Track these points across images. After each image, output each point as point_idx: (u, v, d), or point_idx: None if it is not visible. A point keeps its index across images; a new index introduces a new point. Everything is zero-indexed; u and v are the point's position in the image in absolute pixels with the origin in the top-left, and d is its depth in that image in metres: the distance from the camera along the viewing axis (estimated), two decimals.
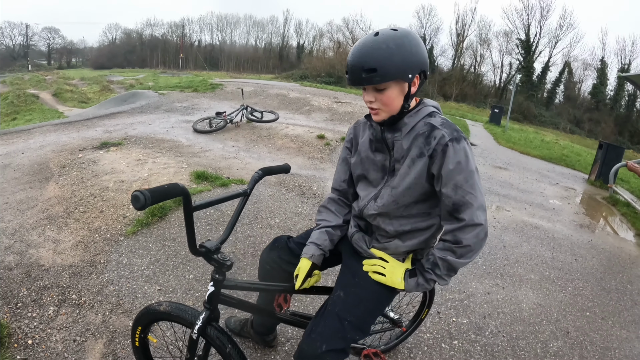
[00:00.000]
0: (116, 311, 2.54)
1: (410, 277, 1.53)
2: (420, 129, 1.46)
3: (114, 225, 3.49)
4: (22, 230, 3.36)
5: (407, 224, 1.56)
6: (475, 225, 1.39)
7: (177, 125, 8.06)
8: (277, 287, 1.70)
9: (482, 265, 3.79)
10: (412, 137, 1.47)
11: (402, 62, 1.35)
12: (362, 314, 1.56)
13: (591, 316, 3.28)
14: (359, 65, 1.36)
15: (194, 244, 1.34)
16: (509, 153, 11.29)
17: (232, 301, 1.61)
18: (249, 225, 3.78)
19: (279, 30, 68.16)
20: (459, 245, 1.41)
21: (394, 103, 1.43)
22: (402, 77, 1.37)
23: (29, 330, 2.35)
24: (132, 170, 4.66)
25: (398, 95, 1.42)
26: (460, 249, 1.41)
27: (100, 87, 24.18)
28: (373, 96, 1.43)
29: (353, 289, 1.60)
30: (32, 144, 5.93)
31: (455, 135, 1.41)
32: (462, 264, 1.44)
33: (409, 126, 1.48)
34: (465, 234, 1.40)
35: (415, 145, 1.46)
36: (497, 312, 3.06)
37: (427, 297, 2.25)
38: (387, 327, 2.25)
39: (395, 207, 1.53)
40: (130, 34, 69.98)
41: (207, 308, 1.49)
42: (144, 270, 2.95)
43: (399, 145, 1.50)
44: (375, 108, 1.46)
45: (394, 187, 1.52)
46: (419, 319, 2.35)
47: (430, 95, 43.50)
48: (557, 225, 5.36)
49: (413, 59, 1.37)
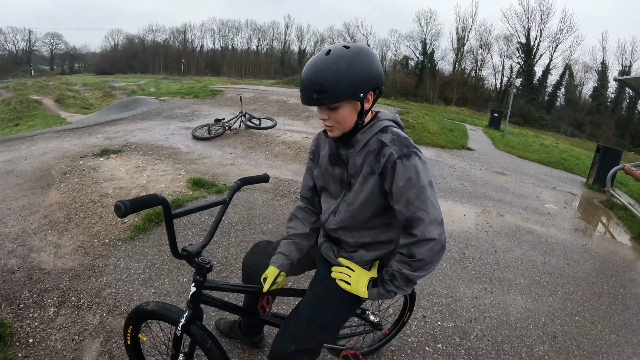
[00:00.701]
0: (113, 312, 2.63)
1: (373, 287, 1.57)
2: (372, 146, 1.49)
3: (113, 230, 3.59)
4: (24, 235, 3.47)
5: (368, 235, 1.61)
6: (428, 240, 1.41)
7: (176, 132, 8.15)
8: (253, 288, 1.79)
9: (471, 270, 3.84)
10: (364, 154, 1.50)
11: (352, 83, 1.36)
12: (330, 317, 1.65)
13: (580, 320, 3.31)
14: (309, 86, 1.38)
15: (175, 248, 1.45)
16: (507, 157, 11.33)
17: (215, 301, 1.72)
18: (242, 231, 3.87)
19: (280, 36, 68.60)
20: (413, 259, 1.43)
21: (346, 121, 1.45)
22: (353, 97, 1.39)
23: (30, 329, 2.45)
24: (131, 177, 4.76)
25: (351, 113, 1.44)
26: (415, 263, 1.44)
27: (102, 93, 24.31)
28: (327, 114, 1.45)
29: (322, 293, 1.68)
30: (35, 151, 6.03)
31: (404, 151, 1.42)
32: (418, 276, 1.48)
33: (362, 143, 1.51)
34: (419, 249, 1.42)
35: (366, 163, 1.49)
36: (483, 316, 3.11)
37: (407, 301, 2.33)
38: (368, 329, 2.33)
39: (352, 222, 1.60)
40: (133, 40, 70.52)
41: (190, 307, 1.59)
42: (140, 274, 3.05)
43: (352, 161, 1.54)
44: (329, 125, 1.48)
45: (349, 203, 1.58)
46: (401, 322, 2.43)
47: (431, 99, 43.59)
48: (551, 230, 5.39)
49: (364, 77, 1.38)
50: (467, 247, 4.30)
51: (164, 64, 63.80)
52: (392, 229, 1.62)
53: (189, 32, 68.55)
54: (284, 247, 1.76)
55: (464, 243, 4.40)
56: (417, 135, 10.80)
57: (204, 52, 68.92)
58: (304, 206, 1.86)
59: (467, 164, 9.11)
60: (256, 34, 69.33)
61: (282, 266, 1.72)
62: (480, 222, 5.23)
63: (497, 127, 19.49)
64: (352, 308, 1.74)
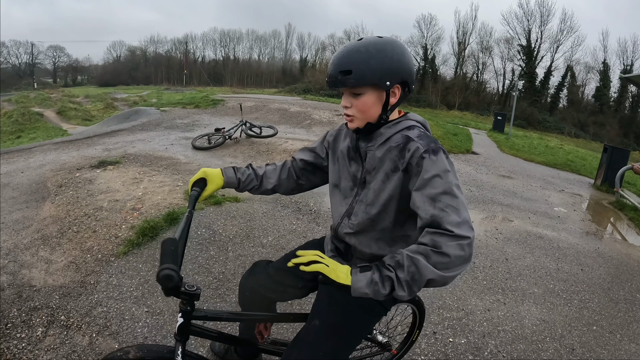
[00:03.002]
0: (103, 333, 2.49)
1: (362, 272, 1.19)
2: (395, 141, 1.38)
3: (106, 245, 3.46)
4: (16, 250, 3.35)
5: (386, 247, 1.46)
6: (460, 237, 1.15)
7: (176, 142, 8.06)
8: (252, 316, 1.62)
9: (482, 280, 3.69)
10: (386, 149, 1.39)
11: (379, 67, 1.29)
12: (337, 344, 1.46)
13: (598, 330, 3.17)
14: (336, 67, 1.32)
15: None
16: (513, 160, 11.22)
17: (206, 332, 1.50)
18: (241, 244, 3.72)
19: (282, 45, 68.78)
20: (437, 250, 1.14)
21: (369, 111, 1.36)
22: (379, 83, 1.31)
23: (17, 351, 2.32)
24: (127, 189, 4.64)
25: (375, 103, 1.35)
26: (437, 256, 1.14)
27: (104, 104, 24.41)
28: (349, 101, 1.37)
29: (328, 316, 1.50)
30: (32, 163, 5.95)
31: (432, 146, 1.29)
32: (431, 276, 1.14)
33: (384, 137, 1.41)
34: (447, 241, 1.15)
35: (388, 158, 1.37)
36: (497, 330, 2.96)
37: (417, 317, 2.17)
38: (376, 351, 2.16)
39: (371, 227, 1.45)
40: (135, 52, 70.91)
41: (179, 340, 1.37)
42: (132, 292, 2.90)
43: (371, 155, 1.43)
44: (350, 115, 1.39)
45: (368, 203, 1.43)
46: (410, 340, 2.26)
47: (433, 104, 43.55)
48: (562, 234, 5.26)
49: (392, 66, 1.31)
50: (477, 256, 4.15)
51: (166, 74, 64.12)
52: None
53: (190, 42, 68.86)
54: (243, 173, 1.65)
55: (473, 251, 4.22)
56: None
57: (206, 62, 69.26)
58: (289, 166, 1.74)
59: (473, 168, 8.97)
60: (257, 44, 69.75)
61: (226, 176, 1.60)
62: (490, 228, 5.08)
63: (501, 130, 19.40)
64: (363, 333, 1.57)
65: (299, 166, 1.73)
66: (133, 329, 2.54)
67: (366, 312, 1.51)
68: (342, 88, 1.36)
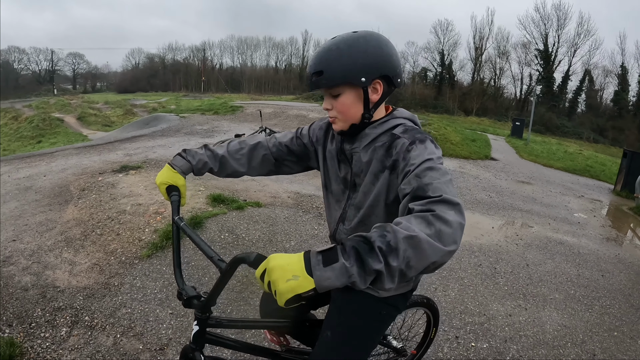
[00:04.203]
0: (127, 334, 2.53)
1: (327, 265, 0.83)
2: (381, 141, 1.30)
3: (130, 248, 3.51)
4: (40, 251, 3.42)
5: None
6: (452, 203, 0.96)
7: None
8: (266, 323, 1.60)
9: (503, 285, 3.66)
10: (371, 150, 1.31)
11: (351, 64, 1.20)
12: (351, 353, 1.43)
13: (619, 336, 3.13)
14: (310, 69, 1.26)
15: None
16: (532, 166, 11.12)
17: (222, 340, 1.43)
18: (264, 249, 3.76)
19: (299, 52, 69.01)
20: (434, 213, 0.92)
21: (349, 111, 1.28)
22: (353, 81, 1.22)
23: (41, 350, 2.36)
24: (149, 193, 4.71)
25: (354, 103, 1.26)
26: (438, 222, 0.90)
27: (123, 110, 24.84)
28: (330, 103, 1.30)
29: (339, 327, 1.46)
30: (54, 167, 6.08)
31: (418, 137, 1.21)
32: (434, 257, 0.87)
33: (370, 137, 1.32)
34: (442, 207, 0.94)
35: (375, 159, 1.29)
36: (519, 335, 2.94)
37: (430, 316, 2.14)
38: (392, 357, 2.13)
39: (363, 230, 1.31)
40: (153, 59, 72.03)
41: (194, 349, 1.33)
42: (156, 294, 2.94)
43: (357, 157, 1.35)
44: (332, 117, 1.32)
45: (358, 206, 1.38)
46: (428, 338, 2.24)
47: (450, 110, 43.27)
48: (583, 240, 5.19)
49: (367, 61, 1.21)
50: (498, 262, 4.12)
51: (184, 81, 64.84)
52: None
53: (208, 50, 69.73)
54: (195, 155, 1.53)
55: (494, 257, 4.22)
56: (440, 146, 10.53)
57: (224, 69, 69.88)
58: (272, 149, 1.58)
59: (492, 174, 8.91)
60: (274, 51, 70.13)
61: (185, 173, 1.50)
62: (510, 234, 5.03)
63: (520, 135, 19.21)
64: (375, 338, 1.53)
65: (280, 151, 1.59)
66: (157, 330, 2.57)
67: (377, 318, 1.47)
68: (318, 90, 1.30)
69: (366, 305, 1.45)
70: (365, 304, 1.45)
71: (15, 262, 3.23)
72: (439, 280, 3.55)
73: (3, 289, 2.87)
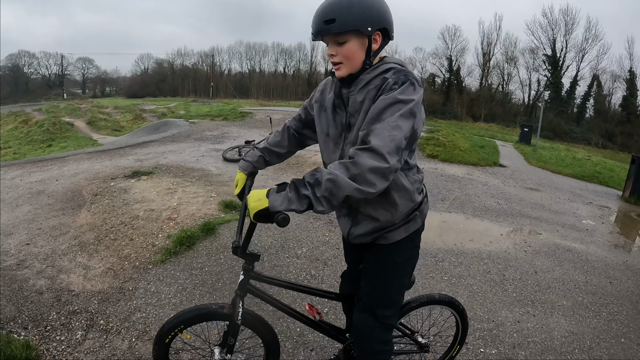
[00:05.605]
0: (142, 338, 2.58)
1: (278, 192, 1.32)
2: (374, 84, 1.47)
3: (143, 253, 3.58)
4: (54, 255, 3.49)
5: None
6: (378, 154, 1.28)
7: (207, 154, 8.24)
8: (304, 287, 1.86)
9: (512, 292, 3.67)
10: (365, 92, 1.48)
11: (360, 14, 1.38)
12: (387, 291, 1.70)
13: (627, 342, 3.13)
14: (320, 17, 1.41)
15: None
16: (540, 173, 11.06)
17: (259, 293, 1.75)
18: (276, 255, 3.80)
19: (307, 57, 68.99)
20: (352, 161, 1.28)
21: (354, 57, 1.46)
22: (361, 29, 1.40)
23: (57, 352, 2.41)
24: (162, 199, 4.78)
25: (359, 49, 1.45)
26: (353, 168, 1.27)
27: (133, 115, 25.02)
28: (335, 50, 1.46)
29: (371, 272, 1.72)
30: (66, 171, 6.17)
31: (402, 78, 1.39)
32: (348, 191, 1.26)
33: (364, 81, 1.49)
34: (363, 154, 1.28)
35: (368, 99, 1.46)
36: (527, 341, 2.95)
37: (459, 330, 2.20)
38: (415, 349, 2.21)
39: None
40: (162, 64, 72.17)
41: (238, 295, 1.67)
42: (170, 299, 3.00)
43: (353, 99, 1.52)
44: (337, 62, 1.48)
45: (353, 143, 1.52)
46: (449, 355, 2.29)
47: (459, 116, 43.16)
48: (591, 247, 5.18)
49: (373, 13, 1.41)
50: (507, 269, 4.13)
51: (193, 87, 64.91)
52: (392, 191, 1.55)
53: (217, 55, 69.85)
54: (251, 154, 1.92)
55: (503, 264, 4.23)
56: (449, 153, 10.59)
57: (232, 74, 70.00)
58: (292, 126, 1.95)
59: (501, 181, 8.88)
60: (283, 56, 70.17)
61: (246, 170, 1.89)
62: (518, 241, 5.04)
63: (528, 142, 19.09)
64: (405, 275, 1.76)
65: (298, 125, 1.94)
66: None
67: (400, 254, 1.70)
68: (327, 37, 1.45)
69: (386, 251, 1.69)
70: (385, 251, 1.69)
71: (30, 266, 3.30)
72: (448, 287, 3.58)
73: (18, 292, 2.94)
